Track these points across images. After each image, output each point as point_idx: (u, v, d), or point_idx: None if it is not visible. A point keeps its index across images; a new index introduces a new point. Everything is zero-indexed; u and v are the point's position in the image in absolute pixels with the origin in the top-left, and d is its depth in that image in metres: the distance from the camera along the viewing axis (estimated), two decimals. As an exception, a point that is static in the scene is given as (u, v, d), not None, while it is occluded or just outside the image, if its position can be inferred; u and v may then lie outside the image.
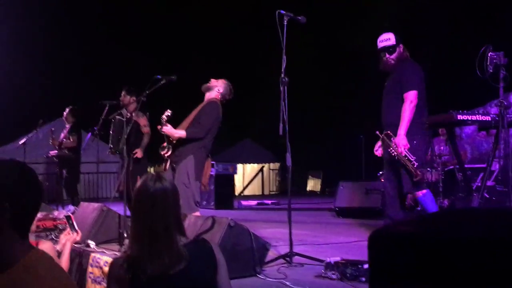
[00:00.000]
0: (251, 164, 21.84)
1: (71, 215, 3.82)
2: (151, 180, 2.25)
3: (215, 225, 3.96)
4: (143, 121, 7.29)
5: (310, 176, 21.66)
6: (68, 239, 3.56)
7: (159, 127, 5.59)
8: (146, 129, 7.36)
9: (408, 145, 4.72)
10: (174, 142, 5.61)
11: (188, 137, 5.53)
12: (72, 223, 3.61)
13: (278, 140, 4.36)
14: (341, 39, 19.04)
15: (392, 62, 5.01)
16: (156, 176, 2.28)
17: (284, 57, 4.36)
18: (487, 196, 7.58)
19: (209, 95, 5.82)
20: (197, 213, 5.55)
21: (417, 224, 1.02)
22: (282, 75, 4.33)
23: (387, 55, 5.02)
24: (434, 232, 0.94)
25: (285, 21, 4.44)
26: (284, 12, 4.43)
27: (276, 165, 21.55)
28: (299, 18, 4.53)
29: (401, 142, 4.73)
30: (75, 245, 5.07)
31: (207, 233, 3.94)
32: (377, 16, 18.51)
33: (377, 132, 4.98)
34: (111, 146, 7.58)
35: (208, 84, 5.85)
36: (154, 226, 2.19)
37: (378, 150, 5.25)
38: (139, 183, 2.32)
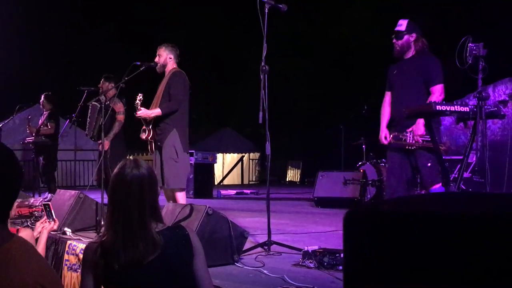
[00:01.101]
0: (231, 154, 21.81)
1: (49, 203, 3.77)
2: (128, 167, 2.22)
3: (193, 213, 3.94)
4: (118, 107, 7.17)
5: (289, 166, 21.74)
6: (45, 227, 3.52)
7: (136, 114, 5.56)
8: (120, 117, 7.22)
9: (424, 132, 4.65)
10: (152, 122, 5.59)
11: (164, 113, 5.53)
12: (50, 211, 3.57)
13: (258, 129, 4.34)
14: (323, 28, 19.05)
15: (397, 48, 4.92)
16: (134, 163, 2.25)
17: (265, 45, 4.32)
18: (464, 188, 7.67)
19: (168, 68, 5.78)
20: (184, 192, 5.60)
21: (398, 204, 1.00)
22: (263, 63, 4.29)
23: (394, 40, 4.94)
24: (411, 210, 0.93)
25: (266, 9, 4.41)
26: (265, 0, 4.40)
27: (256, 155, 21.55)
28: (280, 6, 4.49)
29: (419, 130, 4.63)
30: (51, 232, 5.02)
31: (185, 221, 3.92)
32: (360, 5, 18.57)
33: (395, 134, 4.80)
34: (87, 133, 7.50)
35: (158, 63, 5.78)
36: (130, 213, 2.17)
37: (387, 138, 5.00)
38: (116, 169, 2.28)
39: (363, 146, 9.47)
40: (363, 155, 9.41)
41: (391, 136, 4.84)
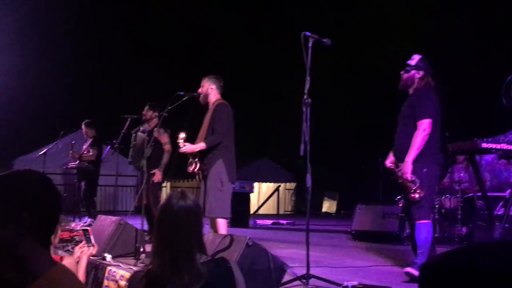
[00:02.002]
0: (267, 183, 21.80)
1: (88, 228, 3.84)
2: (175, 198, 2.27)
3: (233, 244, 3.95)
4: (164, 138, 7.33)
5: (325, 198, 21.56)
6: (84, 253, 3.57)
7: (180, 150, 5.67)
8: (167, 147, 7.40)
9: (411, 170, 4.69)
10: (198, 154, 5.67)
11: (208, 147, 5.61)
12: (89, 236, 3.62)
13: (295, 159, 4.36)
14: (364, 61, 19.06)
15: (402, 81, 5.00)
16: (181, 194, 2.30)
17: (308, 78, 4.36)
18: (507, 226, 7.48)
19: (211, 100, 5.86)
20: (226, 221, 5.64)
21: (467, 255, 0.99)
22: (305, 96, 4.32)
23: (401, 72, 5.00)
24: (484, 264, 0.92)
25: (310, 43, 4.45)
26: (309, 34, 4.45)
27: (292, 185, 21.49)
28: (324, 40, 4.53)
29: (406, 168, 4.69)
30: (91, 257, 5.10)
31: (225, 251, 3.93)
32: (401, 39, 18.52)
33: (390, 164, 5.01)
34: (130, 160, 7.63)
35: (201, 94, 5.87)
36: (176, 244, 2.20)
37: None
38: (163, 199, 2.33)
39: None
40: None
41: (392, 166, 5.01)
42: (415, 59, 4.94)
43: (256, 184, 20.77)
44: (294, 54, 4.55)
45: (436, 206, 8.44)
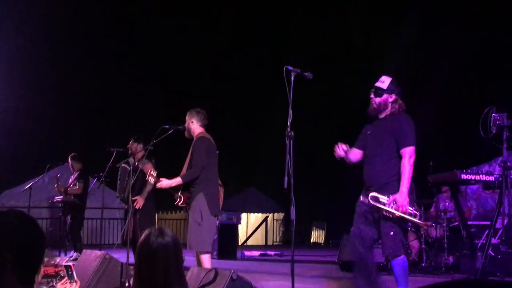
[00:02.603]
0: (255, 214, 21.73)
1: (71, 264, 3.81)
2: (153, 236, 2.29)
3: (217, 278, 3.95)
4: (148, 167, 7.33)
5: (314, 227, 21.52)
6: None
7: (157, 185, 5.72)
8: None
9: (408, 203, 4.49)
10: (181, 188, 5.70)
11: (184, 181, 5.64)
12: (71, 273, 3.60)
13: (283, 190, 4.34)
14: (350, 91, 19.27)
15: (374, 106, 4.74)
16: (158, 231, 2.32)
17: (291, 111, 4.40)
18: (493, 254, 7.51)
19: (193, 133, 5.92)
20: (208, 255, 5.61)
21: None
22: (288, 129, 4.35)
23: (372, 95, 4.75)
24: None
25: (292, 77, 4.51)
26: (291, 68, 4.50)
27: (280, 215, 21.43)
28: (306, 74, 4.58)
29: (404, 200, 4.42)
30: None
31: (209, 286, 3.93)
32: (383, 69, 18.81)
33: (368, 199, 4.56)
34: (118, 194, 7.63)
35: (186, 128, 5.94)
36: (155, 281, 2.22)
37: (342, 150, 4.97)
38: (141, 237, 2.35)
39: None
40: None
41: (370, 196, 4.57)
42: (385, 81, 4.73)
43: (244, 215, 20.70)
44: (281, 84, 4.55)
45: (422, 235, 8.47)
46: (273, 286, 6.31)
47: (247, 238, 20.72)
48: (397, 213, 4.41)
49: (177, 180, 5.65)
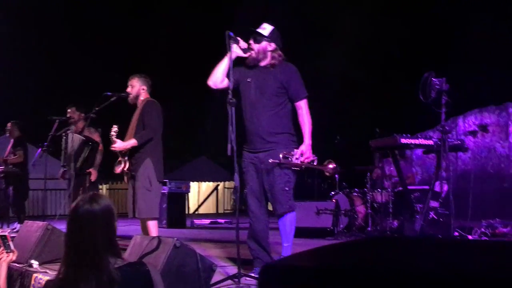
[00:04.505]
0: (207, 182, 21.72)
1: (7, 234, 3.70)
2: (82, 202, 2.22)
3: (160, 246, 3.89)
4: (96, 137, 7.18)
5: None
6: (3, 260, 3.44)
7: (112, 147, 5.55)
8: (99, 146, 7.25)
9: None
10: (127, 153, 5.57)
11: (139, 143, 5.52)
12: (8, 243, 3.49)
13: (239, 159, 4.30)
14: (308, 67, 19.28)
15: (253, 54, 4.48)
16: (89, 198, 2.24)
17: (232, 78, 4.33)
18: (435, 218, 7.74)
19: (140, 99, 5.79)
20: (156, 222, 5.54)
21: (310, 257, 1.02)
22: (230, 96, 4.28)
23: (251, 41, 4.49)
24: (322, 265, 0.94)
25: (232, 44, 4.43)
26: (232, 35, 4.42)
27: (232, 184, 21.50)
28: (241, 45, 4.50)
29: (310, 151, 4.41)
30: (18, 264, 4.92)
31: (152, 254, 3.87)
32: (335, 39, 18.91)
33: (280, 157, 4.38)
34: (65, 164, 7.43)
35: (130, 94, 5.78)
36: (82, 249, 2.15)
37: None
38: (73, 203, 2.27)
39: (336, 176, 9.51)
40: (336, 185, 9.45)
41: (281, 155, 4.42)
42: (267, 28, 4.48)
43: (195, 184, 20.66)
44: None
45: (368, 200, 8.65)
46: (221, 253, 6.31)
47: (199, 207, 20.75)
48: (305, 165, 4.41)
49: (132, 142, 5.53)
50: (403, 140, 3.67)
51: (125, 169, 5.61)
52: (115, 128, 5.53)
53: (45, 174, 8.35)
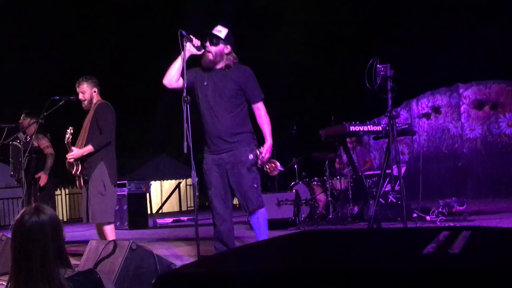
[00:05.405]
0: (168, 181, 21.57)
1: None
2: (28, 214, 2.16)
3: (116, 249, 3.84)
4: (44, 142, 7.04)
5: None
6: None
7: (68, 156, 5.41)
8: (49, 150, 7.09)
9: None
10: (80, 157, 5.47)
11: (96, 149, 5.41)
12: None
13: (195, 154, 4.25)
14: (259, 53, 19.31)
15: (210, 56, 4.49)
16: (34, 209, 2.18)
17: (186, 77, 4.31)
18: (394, 201, 7.89)
19: (93, 102, 5.65)
20: (112, 225, 5.47)
21: (202, 265, 1.01)
22: (184, 94, 4.25)
23: (207, 43, 4.48)
24: (211, 272, 0.94)
25: (185, 43, 4.41)
26: (185, 34, 4.39)
27: (193, 180, 21.42)
28: (194, 43, 4.49)
29: (270, 148, 4.48)
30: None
31: (109, 258, 3.82)
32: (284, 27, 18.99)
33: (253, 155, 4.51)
34: (12, 173, 7.27)
35: (84, 101, 5.64)
36: (30, 262, 2.09)
37: None
38: (17, 216, 2.21)
39: (295, 166, 9.57)
40: (296, 175, 9.51)
41: (251, 155, 4.51)
42: (223, 31, 4.50)
43: (157, 183, 20.47)
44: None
45: (328, 188, 8.73)
46: (183, 251, 6.27)
47: (162, 206, 20.59)
48: (266, 164, 4.48)
49: (89, 148, 5.41)
50: (352, 128, 3.71)
51: (78, 172, 5.50)
52: (70, 130, 5.43)
53: (-2, 183, 8.15)
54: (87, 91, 5.60)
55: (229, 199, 4.72)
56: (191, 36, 4.49)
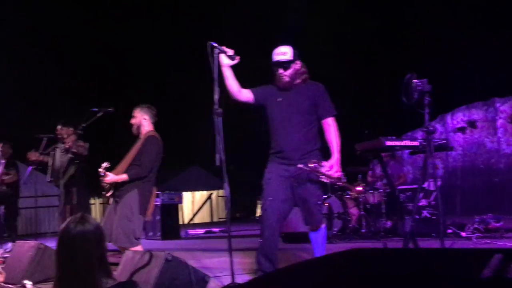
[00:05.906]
0: (200, 192, 21.68)
1: None
2: (73, 223, 2.21)
3: (152, 260, 3.89)
4: (82, 144, 7.13)
5: (259, 201, 21.69)
6: None
7: (102, 180, 5.47)
8: (83, 150, 7.16)
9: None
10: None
11: (130, 179, 5.46)
12: None
13: (227, 165, 4.27)
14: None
15: (287, 79, 4.55)
16: (79, 218, 2.24)
17: (217, 88, 4.33)
18: (428, 216, 7.77)
19: (143, 130, 5.73)
20: (138, 247, 5.46)
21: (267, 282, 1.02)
22: (216, 106, 4.28)
23: (280, 71, 4.53)
24: None
25: (216, 53, 4.43)
26: (215, 44, 4.42)
27: (225, 192, 21.49)
28: (227, 51, 4.50)
29: (340, 166, 4.48)
30: (11, 285, 4.90)
31: (145, 269, 3.87)
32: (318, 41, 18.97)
33: (314, 164, 4.38)
34: (51, 179, 7.41)
35: (134, 125, 5.72)
36: (76, 270, 2.14)
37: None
38: (62, 225, 2.27)
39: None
40: (328, 188, 9.46)
41: (312, 163, 4.43)
42: (288, 52, 4.55)
43: (189, 194, 20.60)
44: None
45: (361, 202, 8.67)
46: (216, 263, 6.29)
47: (193, 217, 20.70)
48: (334, 179, 4.47)
49: (123, 177, 5.46)
50: (388, 143, 3.69)
51: (108, 195, 5.56)
52: (105, 164, 5.49)
53: (35, 192, 8.33)
54: (137, 117, 5.70)
55: (286, 213, 4.68)
56: (223, 47, 4.50)
